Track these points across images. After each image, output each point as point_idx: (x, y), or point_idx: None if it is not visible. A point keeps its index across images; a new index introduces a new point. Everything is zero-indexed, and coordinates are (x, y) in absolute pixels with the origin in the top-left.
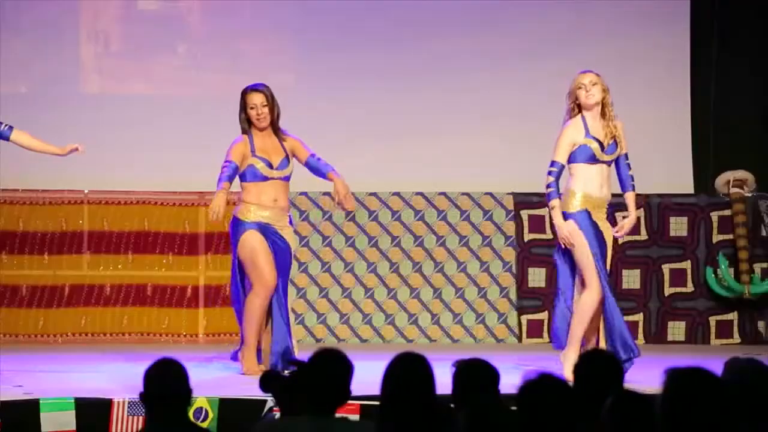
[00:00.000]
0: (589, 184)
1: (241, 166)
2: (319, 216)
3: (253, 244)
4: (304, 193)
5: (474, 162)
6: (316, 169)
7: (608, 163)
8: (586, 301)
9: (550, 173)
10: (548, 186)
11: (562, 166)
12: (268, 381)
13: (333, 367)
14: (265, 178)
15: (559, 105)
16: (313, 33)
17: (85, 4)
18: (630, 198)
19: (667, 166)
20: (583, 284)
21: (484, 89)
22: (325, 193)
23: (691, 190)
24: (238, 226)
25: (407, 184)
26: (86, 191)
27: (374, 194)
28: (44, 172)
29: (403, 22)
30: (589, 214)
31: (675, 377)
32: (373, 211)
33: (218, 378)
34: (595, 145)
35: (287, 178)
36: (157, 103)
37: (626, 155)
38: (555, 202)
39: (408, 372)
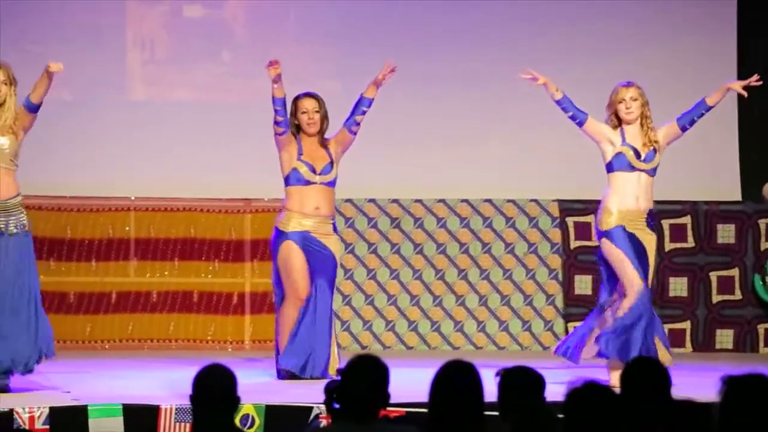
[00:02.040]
0: (625, 197)
1: (282, 154)
2: (365, 223)
3: (288, 256)
4: (350, 200)
5: (519, 169)
6: (354, 115)
7: (648, 173)
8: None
9: None
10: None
11: (585, 114)
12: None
13: (368, 372)
14: (308, 183)
15: (599, 115)
16: (358, 40)
17: (130, 12)
18: (711, 97)
19: (715, 173)
20: (624, 294)
21: (530, 96)
22: (371, 200)
23: (739, 197)
24: (278, 236)
25: (453, 191)
26: (133, 198)
27: (420, 201)
28: (91, 179)
29: (448, 30)
30: (623, 227)
31: (734, 384)
32: (419, 218)
33: (264, 385)
34: (630, 153)
35: (331, 184)
36: (202, 109)
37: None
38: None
39: (457, 380)
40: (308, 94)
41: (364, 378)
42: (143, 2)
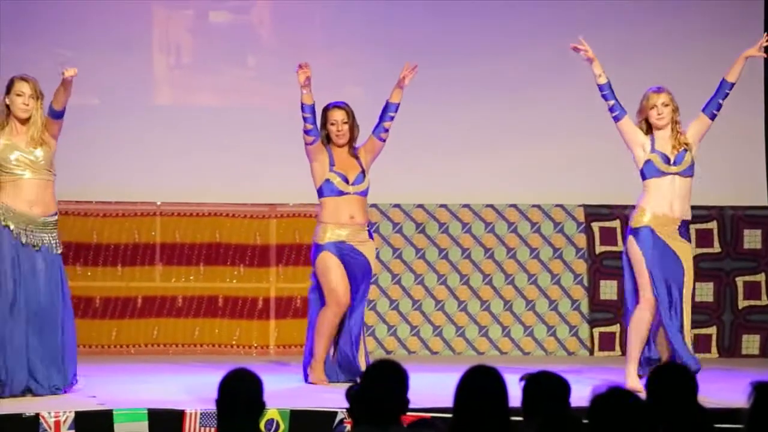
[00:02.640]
0: (659, 202)
1: (314, 165)
2: (390, 228)
3: (326, 264)
4: (375, 205)
5: (544, 174)
6: (383, 121)
7: (681, 174)
8: (639, 316)
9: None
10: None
11: (624, 111)
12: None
13: (387, 377)
14: (342, 193)
15: (632, 117)
16: (384, 45)
17: (157, 17)
18: (730, 73)
19: (740, 178)
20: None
21: (555, 102)
22: (395, 205)
23: (765, 202)
24: (315, 250)
25: (477, 196)
26: (158, 203)
27: (444, 206)
28: (117, 184)
29: (472, 36)
30: (652, 230)
31: (764, 390)
32: (444, 223)
33: (289, 389)
34: (658, 159)
35: (364, 193)
36: (227, 114)
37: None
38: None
39: (481, 385)
40: (337, 105)
41: (383, 383)
42: (169, 7)
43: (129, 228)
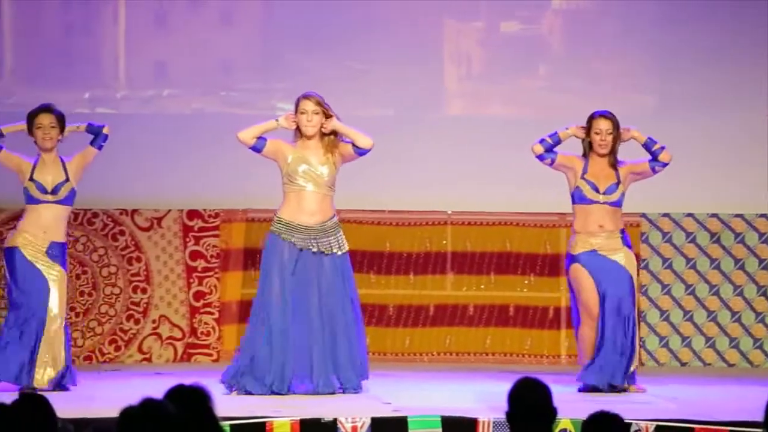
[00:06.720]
0: None
1: (567, 177)
2: (683, 237)
3: (576, 278)
4: (667, 215)
5: None
6: (653, 161)
7: None
8: None
9: None
10: None
11: None
12: None
13: None
14: (591, 202)
15: None
16: (676, 52)
17: (448, 29)
18: None
19: None
20: None
21: None
22: (688, 215)
23: None
24: (568, 260)
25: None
26: (449, 212)
27: (740, 216)
28: (409, 193)
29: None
30: None
31: None
32: (740, 233)
33: (581, 398)
34: None
35: (615, 204)
36: (518, 125)
37: None
38: None
39: None
40: (603, 114)
41: None
42: (460, 20)
43: (421, 237)
